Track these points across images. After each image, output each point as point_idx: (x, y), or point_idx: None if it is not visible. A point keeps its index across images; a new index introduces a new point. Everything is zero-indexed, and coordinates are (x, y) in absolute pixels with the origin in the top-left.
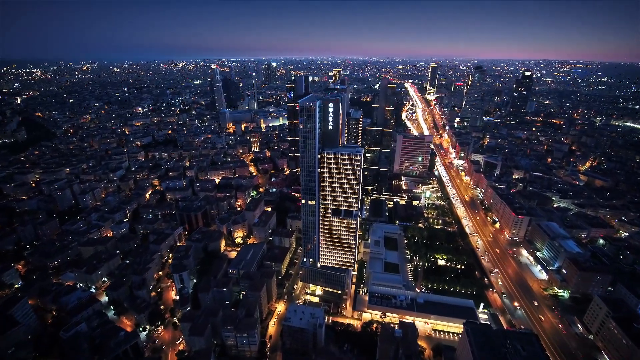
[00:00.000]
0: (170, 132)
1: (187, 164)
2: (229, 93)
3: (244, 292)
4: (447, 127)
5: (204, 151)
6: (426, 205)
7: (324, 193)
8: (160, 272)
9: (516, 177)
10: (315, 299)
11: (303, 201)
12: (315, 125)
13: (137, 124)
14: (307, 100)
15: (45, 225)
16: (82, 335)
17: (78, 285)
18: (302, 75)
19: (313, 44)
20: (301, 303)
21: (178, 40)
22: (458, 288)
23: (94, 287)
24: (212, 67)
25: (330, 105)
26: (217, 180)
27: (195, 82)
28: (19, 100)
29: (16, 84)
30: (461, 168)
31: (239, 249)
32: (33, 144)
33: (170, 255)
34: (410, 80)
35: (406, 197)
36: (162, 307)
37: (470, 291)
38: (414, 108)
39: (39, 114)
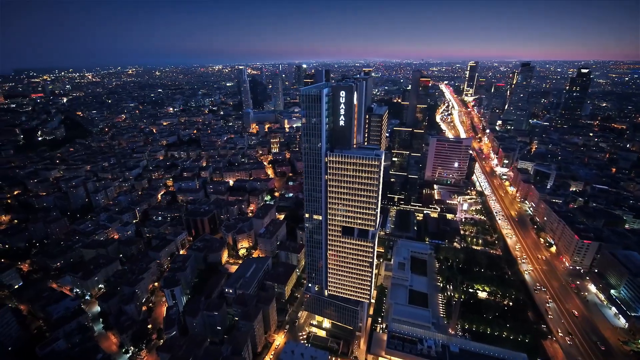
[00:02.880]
0: (195, 131)
1: (204, 164)
2: (256, 94)
3: (237, 318)
4: (487, 131)
5: (223, 151)
6: (463, 219)
7: (332, 206)
8: (157, 283)
9: (574, 189)
10: (322, 333)
11: (307, 215)
12: (322, 119)
13: (164, 124)
14: (313, 88)
15: (55, 223)
16: (58, 353)
17: (74, 291)
18: (322, 69)
19: (346, 48)
20: (304, 336)
21: (216, 46)
22: (505, 333)
23: (89, 294)
24: (239, 67)
25: (342, 93)
26: (231, 183)
27: (227, 84)
28: (64, 100)
29: (67, 86)
30: (505, 177)
31: (242, 262)
32: (69, 141)
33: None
34: (446, 82)
35: (439, 209)
36: (150, 325)
37: (521, 338)
38: (450, 109)
39: (80, 113)
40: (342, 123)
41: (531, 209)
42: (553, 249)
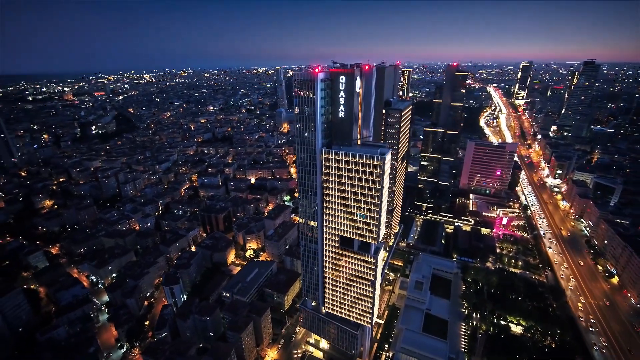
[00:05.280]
0: (229, 129)
1: (230, 160)
2: (292, 94)
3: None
4: (538, 137)
5: (250, 149)
6: (501, 236)
7: (328, 212)
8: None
9: None
10: (319, 354)
11: (301, 220)
12: (316, 109)
13: (202, 121)
14: (309, 74)
15: (85, 211)
16: (56, 341)
17: (91, 278)
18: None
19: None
20: (299, 355)
21: (264, 50)
22: None
23: (101, 283)
24: (277, 68)
25: (341, 79)
26: (252, 181)
27: (267, 85)
28: (120, 98)
29: (125, 85)
30: (557, 189)
31: (245, 264)
32: (118, 135)
33: None
34: (495, 84)
35: (473, 221)
36: (147, 322)
37: None
38: (496, 113)
39: (131, 110)
40: (341, 114)
41: (588, 228)
42: (615, 280)
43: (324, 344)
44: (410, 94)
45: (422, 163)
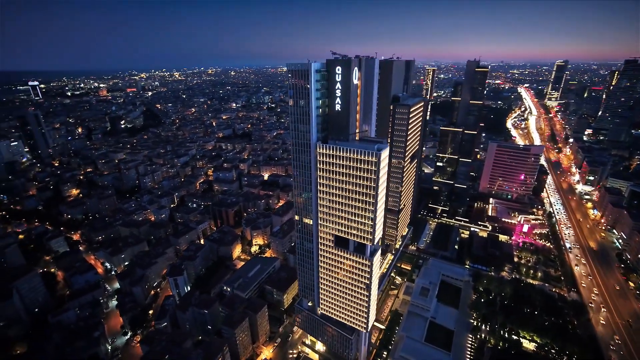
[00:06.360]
0: (249, 126)
1: (245, 156)
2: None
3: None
4: (570, 140)
5: (266, 145)
6: (520, 244)
7: (323, 210)
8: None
9: None
10: (315, 357)
11: (297, 217)
12: (311, 101)
13: (223, 117)
14: (302, 64)
15: (105, 200)
16: (65, 324)
17: (105, 265)
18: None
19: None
20: (294, 355)
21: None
22: None
23: (114, 270)
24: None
25: (338, 70)
26: (265, 177)
27: None
28: (149, 94)
29: (156, 83)
30: (587, 197)
31: (249, 260)
32: (145, 129)
33: None
34: (527, 85)
35: (490, 227)
36: (152, 311)
37: None
38: (525, 114)
39: (158, 105)
40: (337, 108)
41: (620, 240)
42: None
43: (320, 346)
44: (434, 93)
45: (438, 164)
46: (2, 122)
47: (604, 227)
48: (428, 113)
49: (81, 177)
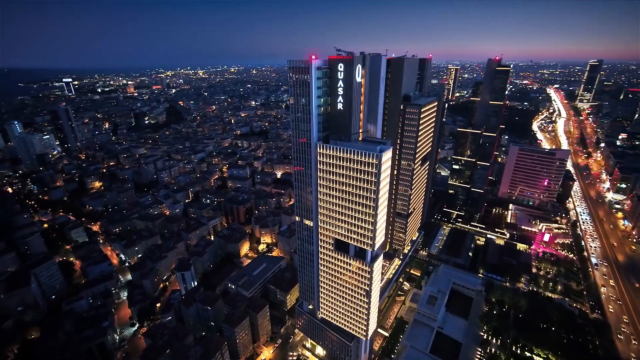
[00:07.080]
0: (267, 124)
1: (260, 154)
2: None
3: None
4: (601, 145)
5: (281, 144)
6: (540, 254)
7: (323, 212)
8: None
9: None
10: None
11: (297, 218)
12: (312, 99)
13: (242, 115)
14: (303, 60)
15: (124, 193)
16: (77, 312)
17: (120, 257)
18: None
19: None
20: (294, 358)
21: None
22: None
23: (128, 262)
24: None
25: (340, 67)
26: (278, 175)
27: None
28: (173, 91)
29: (180, 80)
30: (618, 206)
31: (255, 258)
32: (167, 125)
33: None
34: (556, 86)
35: (508, 235)
36: (159, 305)
37: None
38: (554, 117)
39: (181, 102)
40: (340, 107)
41: None
42: None
43: (320, 350)
44: (457, 93)
45: (454, 167)
46: (37, 116)
47: (635, 240)
48: (445, 113)
49: (104, 171)
